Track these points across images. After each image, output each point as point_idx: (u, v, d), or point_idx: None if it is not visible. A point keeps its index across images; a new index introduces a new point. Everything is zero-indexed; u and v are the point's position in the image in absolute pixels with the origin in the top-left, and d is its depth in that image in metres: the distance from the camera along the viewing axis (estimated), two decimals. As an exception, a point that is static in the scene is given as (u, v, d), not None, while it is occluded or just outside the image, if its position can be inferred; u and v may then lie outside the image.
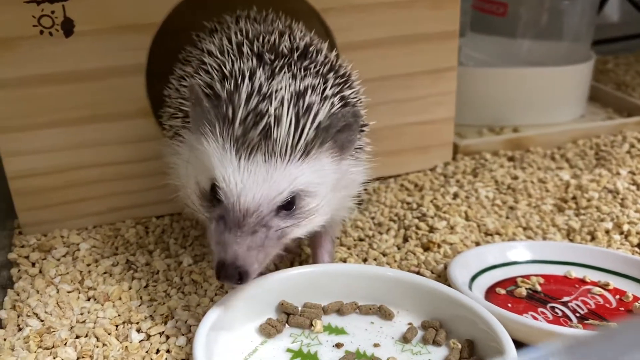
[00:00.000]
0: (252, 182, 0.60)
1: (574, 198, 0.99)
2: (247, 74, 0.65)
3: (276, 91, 0.63)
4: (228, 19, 0.84)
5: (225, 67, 0.68)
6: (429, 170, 1.10)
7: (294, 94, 0.64)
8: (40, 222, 0.90)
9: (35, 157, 0.87)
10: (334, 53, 0.77)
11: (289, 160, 0.61)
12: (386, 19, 0.96)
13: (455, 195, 1.01)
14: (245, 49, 0.70)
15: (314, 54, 0.73)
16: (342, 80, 0.73)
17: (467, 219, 0.94)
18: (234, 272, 0.60)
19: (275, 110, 0.62)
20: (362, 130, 0.73)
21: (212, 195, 0.64)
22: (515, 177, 1.06)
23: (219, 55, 0.71)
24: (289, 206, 0.63)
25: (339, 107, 0.67)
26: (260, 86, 0.64)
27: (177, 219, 0.94)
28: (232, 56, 0.69)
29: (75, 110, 0.86)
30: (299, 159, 0.62)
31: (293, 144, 0.61)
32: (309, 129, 0.62)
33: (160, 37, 0.86)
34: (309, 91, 0.65)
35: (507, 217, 0.94)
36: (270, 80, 0.65)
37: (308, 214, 0.65)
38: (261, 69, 0.67)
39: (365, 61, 0.97)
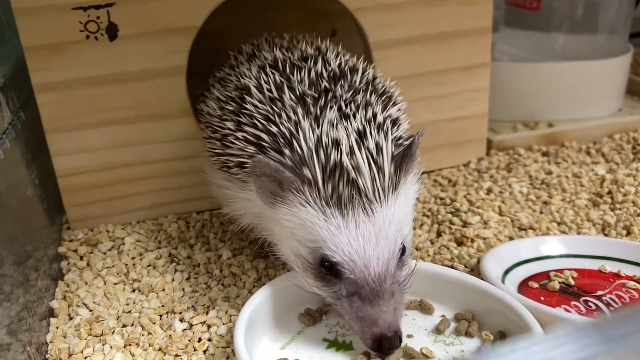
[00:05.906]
0: (371, 247, 0.59)
1: (609, 193, 0.98)
2: (299, 131, 0.63)
3: (338, 139, 0.61)
4: (266, 46, 0.84)
5: (272, 125, 0.65)
6: (462, 166, 1.11)
7: (356, 136, 0.62)
8: (87, 217, 0.94)
9: (82, 156, 0.90)
10: (369, 69, 0.77)
11: (386, 203, 0.60)
12: (419, 17, 0.97)
13: (489, 191, 1.01)
14: (287, 94, 0.68)
15: (350, 76, 0.72)
16: (384, 98, 0.72)
17: (500, 214, 0.94)
18: (397, 342, 0.60)
19: (350, 159, 0.60)
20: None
21: (326, 269, 0.62)
22: (550, 172, 1.06)
23: (259, 105, 0.68)
24: (403, 252, 0.63)
25: (394, 130, 0.66)
26: (320, 137, 0.62)
27: (217, 215, 0.97)
28: (276, 107, 0.67)
29: (120, 110, 0.89)
30: (391, 197, 0.61)
31: (382, 186, 0.61)
32: (388, 166, 0.61)
33: (200, 39, 0.89)
34: (367, 127, 0.63)
35: (541, 212, 0.94)
36: (322, 126, 0.63)
37: (411, 249, 0.64)
38: (312, 117, 0.65)
39: (399, 59, 0.98)
